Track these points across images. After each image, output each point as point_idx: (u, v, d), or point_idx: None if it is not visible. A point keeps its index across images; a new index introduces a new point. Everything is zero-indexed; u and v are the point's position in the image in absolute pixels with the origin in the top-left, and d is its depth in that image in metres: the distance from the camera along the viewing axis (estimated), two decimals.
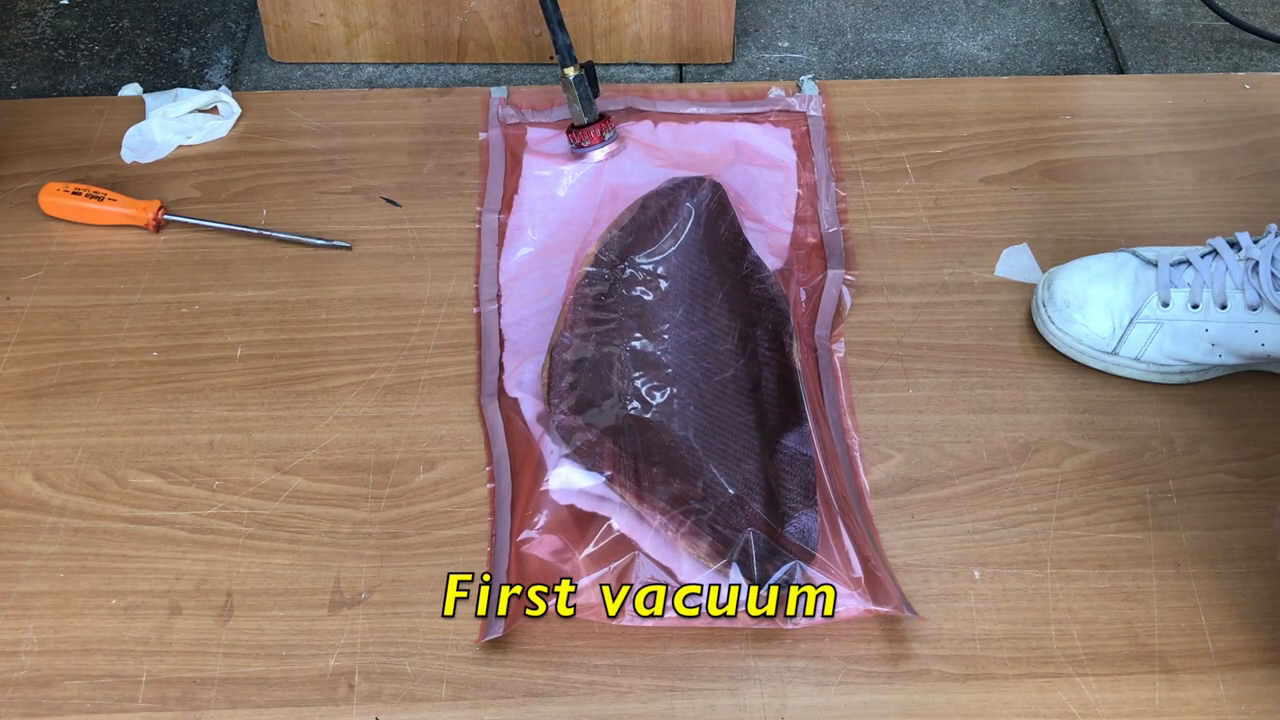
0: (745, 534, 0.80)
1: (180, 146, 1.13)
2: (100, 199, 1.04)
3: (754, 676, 0.78)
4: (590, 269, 0.95)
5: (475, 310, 0.99)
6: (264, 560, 0.84)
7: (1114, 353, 0.94)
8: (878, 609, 0.78)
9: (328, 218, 1.07)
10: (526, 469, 0.87)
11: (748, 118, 1.15)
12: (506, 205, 1.06)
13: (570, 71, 1.07)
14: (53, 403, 0.93)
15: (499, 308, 0.99)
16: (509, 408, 0.91)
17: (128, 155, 1.12)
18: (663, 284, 0.94)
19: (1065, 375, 0.95)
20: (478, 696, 0.77)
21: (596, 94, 1.09)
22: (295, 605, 0.81)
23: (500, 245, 1.03)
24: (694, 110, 1.15)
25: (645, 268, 0.95)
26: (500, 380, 0.93)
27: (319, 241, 1.04)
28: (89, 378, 0.94)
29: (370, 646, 0.80)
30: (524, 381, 0.92)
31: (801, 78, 1.18)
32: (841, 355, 0.96)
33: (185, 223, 1.05)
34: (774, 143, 1.12)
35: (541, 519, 0.82)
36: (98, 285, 1.01)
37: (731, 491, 0.83)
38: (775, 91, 1.16)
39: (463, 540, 0.85)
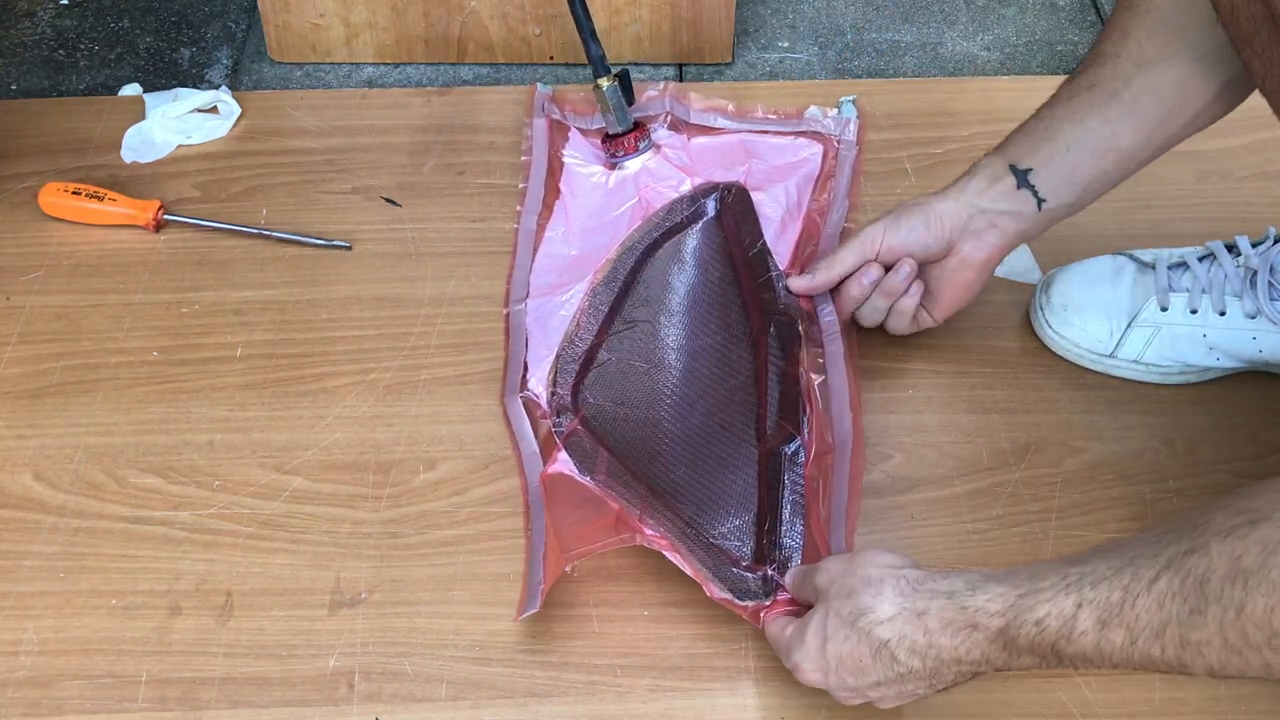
0: (731, 544, 0.81)
1: (180, 146, 1.13)
2: (100, 199, 1.04)
3: (754, 676, 0.78)
4: (604, 276, 0.95)
5: (505, 310, 0.99)
6: (264, 560, 0.84)
7: (1112, 355, 0.93)
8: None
9: (327, 217, 1.07)
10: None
11: (781, 136, 1.12)
12: (547, 208, 1.06)
13: (604, 82, 1.06)
14: (53, 403, 0.93)
15: (526, 306, 0.98)
16: (531, 404, 0.92)
17: (128, 155, 1.11)
18: (673, 292, 0.94)
19: (1065, 375, 0.95)
20: (478, 696, 0.77)
21: (631, 101, 1.08)
22: (295, 605, 0.81)
23: (536, 248, 1.03)
24: (728, 125, 1.13)
25: (659, 275, 0.95)
26: (524, 378, 0.93)
27: (319, 241, 1.04)
28: (89, 378, 0.94)
29: (370, 646, 0.80)
30: (543, 378, 0.92)
31: (842, 99, 1.15)
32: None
33: (185, 223, 1.05)
34: (798, 166, 1.10)
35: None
36: (98, 285, 1.01)
37: (719, 503, 0.83)
38: (812, 110, 1.13)
39: (463, 540, 0.85)
